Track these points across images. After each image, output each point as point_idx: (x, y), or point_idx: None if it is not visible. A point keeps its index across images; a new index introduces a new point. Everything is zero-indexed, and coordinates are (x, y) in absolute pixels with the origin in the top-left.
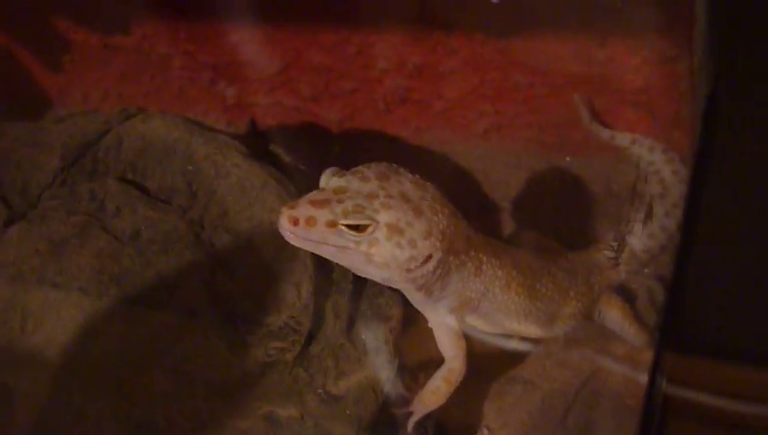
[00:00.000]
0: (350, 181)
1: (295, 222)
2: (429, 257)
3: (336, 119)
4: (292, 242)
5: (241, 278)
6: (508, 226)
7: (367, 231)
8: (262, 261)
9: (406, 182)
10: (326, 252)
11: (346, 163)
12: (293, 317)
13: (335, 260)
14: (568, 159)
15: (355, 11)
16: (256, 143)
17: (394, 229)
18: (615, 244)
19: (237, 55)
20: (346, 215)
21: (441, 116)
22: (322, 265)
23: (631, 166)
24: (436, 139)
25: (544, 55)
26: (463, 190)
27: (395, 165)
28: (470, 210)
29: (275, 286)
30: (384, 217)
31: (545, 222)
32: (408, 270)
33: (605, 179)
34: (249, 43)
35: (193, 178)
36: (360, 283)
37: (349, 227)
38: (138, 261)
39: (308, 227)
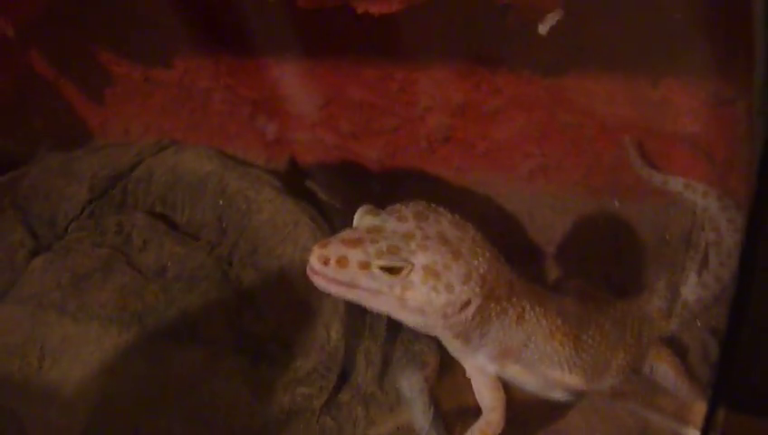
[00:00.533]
0: (385, 220)
1: (326, 261)
2: (468, 303)
3: (376, 157)
4: (320, 286)
5: (268, 319)
6: (553, 272)
7: (402, 274)
8: (291, 301)
9: (445, 222)
10: (357, 296)
11: (385, 203)
12: (322, 362)
13: (367, 305)
14: (617, 203)
15: (398, 46)
16: (295, 180)
17: (431, 272)
18: (666, 293)
19: (278, 90)
20: (380, 256)
21: (485, 156)
22: (355, 308)
23: (684, 212)
24: (479, 180)
25: (594, 95)
26: (506, 234)
27: (434, 204)
28: (514, 255)
29: (304, 328)
30: (420, 259)
31: (592, 269)
32: (445, 316)
33: (656, 226)
34: (290, 77)
35: (223, 212)
36: (395, 327)
37: (383, 268)
38: (162, 298)
39: (339, 268)
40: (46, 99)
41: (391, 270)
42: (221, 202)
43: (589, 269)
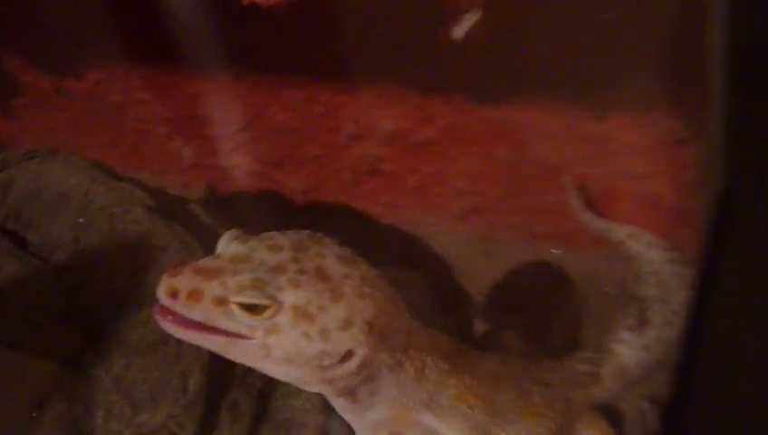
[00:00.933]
0: (254, 249)
1: (175, 295)
2: (350, 354)
3: (300, 188)
4: (165, 327)
5: (114, 361)
6: (481, 323)
7: (265, 314)
8: (145, 341)
9: (330, 256)
10: (212, 342)
11: None
12: (174, 417)
13: (224, 354)
14: (555, 251)
15: (323, 65)
16: (210, 208)
17: (301, 314)
18: (602, 354)
19: (194, 109)
20: (240, 290)
21: (415, 192)
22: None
23: (628, 265)
24: (408, 218)
25: (533, 129)
26: (433, 279)
27: (320, 234)
28: (439, 303)
29: (155, 375)
30: (290, 296)
31: (524, 322)
32: (321, 368)
33: (596, 278)
34: (207, 95)
35: (82, 232)
36: (272, 378)
37: (242, 306)
38: None
39: (191, 303)
40: None
41: (254, 309)
42: (81, 220)
43: (520, 322)
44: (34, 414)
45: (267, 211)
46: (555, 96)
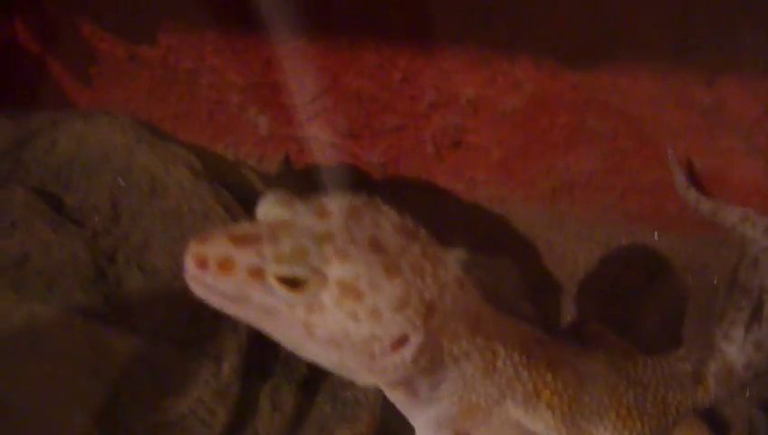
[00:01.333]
0: (298, 213)
1: (203, 263)
2: (404, 340)
3: (378, 162)
4: (196, 293)
5: (141, 338)
6: (570, 314)
7: (307, 289)
8: (177, 317)
9: (386, 226)
10: (247, 315)
11: None
12: (204, 402)
13: (261, 329)
14: (656, 235)
15: (400, 26)
16: (268, 176)
17: (349, 291)
18: (707, 353)
19: (268, 76)
20: (279, 261)
21: (501, 167)
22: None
23: (739, 251)
24: (493, 195)
25: (631, 96)
26: (520, 262)
27: (378, 201)
28: (524, 289)
29: (186, 356)
30: (336, 270)
31: (618, 314)
32: (371, 356)
33: (701, 267)
34: (280, 60)
35: (121, 195)
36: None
37: (281, 280)
38: (9, 297)
39: (222, 274)
40: (32, 74)
41: (294, 283)
42: (122, 181)
43: (613, 313)
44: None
45: (343, 187)
46: (657, 58)
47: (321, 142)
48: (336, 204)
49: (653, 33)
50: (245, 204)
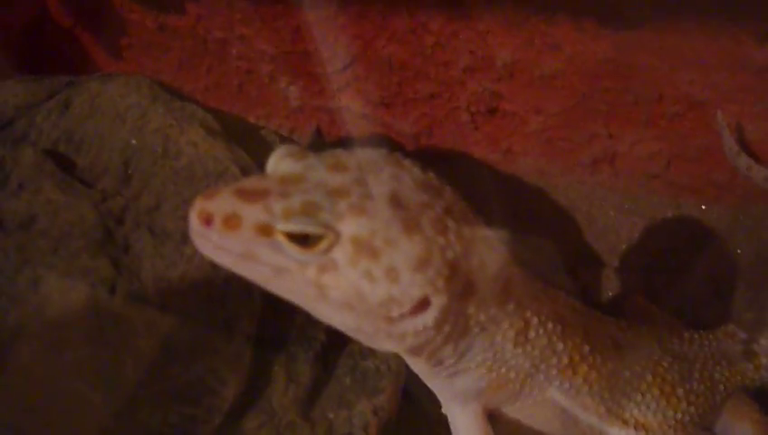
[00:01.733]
0: (311, 167)
1: (208, 220)
2: (425, 303)
3: (412, 132)
4: (203, 251)
5: (148, 301)
6: (611, 288)
7: (319, 247)
8: (186, 279)
9: (406, 180)
10: (255, 274)
11: None
12: (214, 371)
13: (271, 289)
14: (704, 207)
15: None
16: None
17: (363, 248)
18: (759, 329)
19: (298, 44)
20: (288, 216)
21: (538, 136)
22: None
23: None
24: (531, 167)
25: (678, 56)
26: (559, 236)
27: (399, 154)
28: (563, 262)
29: (195, 322)
30: (350, 226)
31: (662, 288)
32: (389, 320)
33: (754, 239)
34: (310, 28)
35: (133, 155)
36: (340, 332)
37: (291, 236)
38: (13, 258)
39: (227, 231)
40: (64, 47)
41: (305, 240)
42: (134, 142)
43: (657, 287)
44: (52, 354)
45: None
46: (705, 15)
47: (353, 113)
48: (353, 157)
49: None
50: (264, 166)
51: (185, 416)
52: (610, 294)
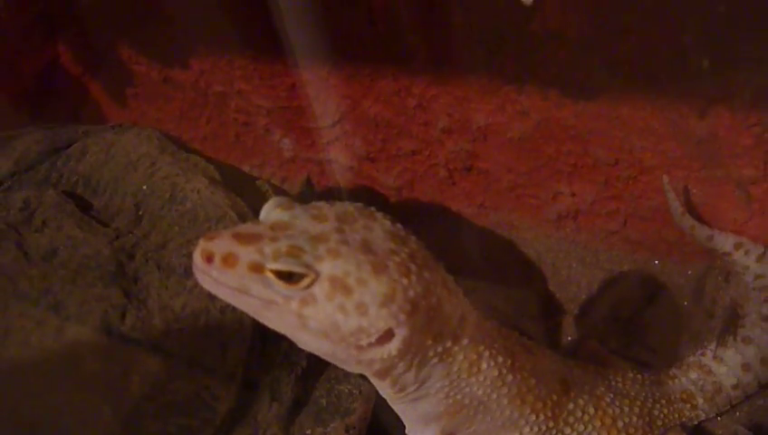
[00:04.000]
0: (297, 217)
1: (209, 258)
2: (389, 334)
3: (394, 185)
4: (204, 285)
5: (153, 325)
6: (570, 334)
7: (301, 283)
8: (187, 308)
9: (378, 230)
10: (248, 306)
11: None
12: (209, 388)
13: (260, 319)
14: (657, 262)
15: (416, 55)
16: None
17: (339, 286)
18: (698, 372)
19: (292, 100)
20: (276, 258)
21: (510, 193)
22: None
23: (734, 278)
24: (503, 221)
25: (631, 125)
26: (525, 285)
27: (372, 208)
28: (529, 309)
29: (195, 343)
30: (328, 266)
31: (616, 336)
32: (359, 348)
33: (698, 292)
34: (304, 86)
35: (145, 199)
36: (319, 359)
37: (278, 274)
38: (36, 286)
39: (225, 268)
40: (73, 94)
41: (290, 277)
42: (145, 187)
43: (613, 334)
44: (68, 368)
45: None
46: (655, 89)
47: (341, 165)
48: (332, 209)
49: (652, 67)
50: (258, 212)
51: (182, 426)
52: (569, 338)
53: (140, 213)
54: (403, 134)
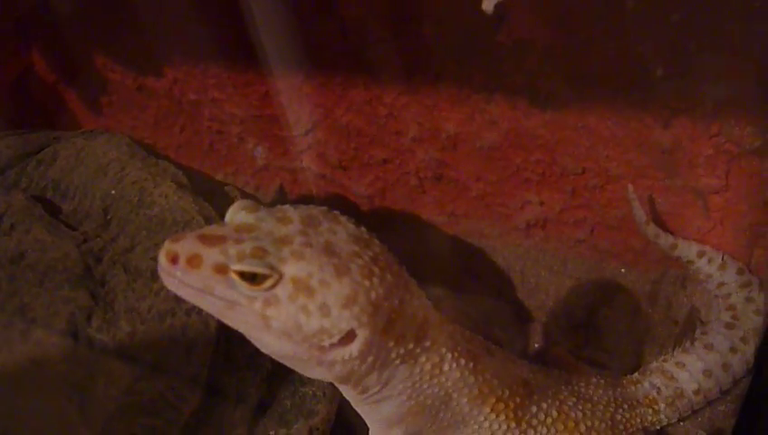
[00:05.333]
0: (262, 219)
1: (174, 259)
2: (351, 336)
3: (366, 193)
4: (169, 286)
5: (120, 328)
6: (538, 340)
7: (264, 284)
8: (153, 311)
9: (341, 233)
10: (212, 307)
11: None
12: (174, 389)
13: (224, 320)
14: (623, 270)
15: (388, 66)
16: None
17: (302, 287)
18: (660, 378)
19: (265, 109)
20: (241, 259)
21: (479, 202)
22: (235, 330)
23: (697, 286)
24: (473, 229)
25: (597, 135)
26: (495, 293)
27: (336, 212)
28: (497, 317)
29: (160, 345)
30: (291, 268)
31: (584, 341)
32: (321, 349)
33: (662, 299)
34: (277, 95)
35: (113, 204)
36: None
37: (242, 275)
38: (4, 288)
39: (190, 269)
40: (48, 102)
41: (254, 278)
42: (114, 192)
43: (579, 341)
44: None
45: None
46: (620, 100)
47: (314, 173)
48: (296, 212)
49: (617, 78)
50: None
51: (147, 427)
52: (536, 345)
53: (109, 217)
54: (375, 143)
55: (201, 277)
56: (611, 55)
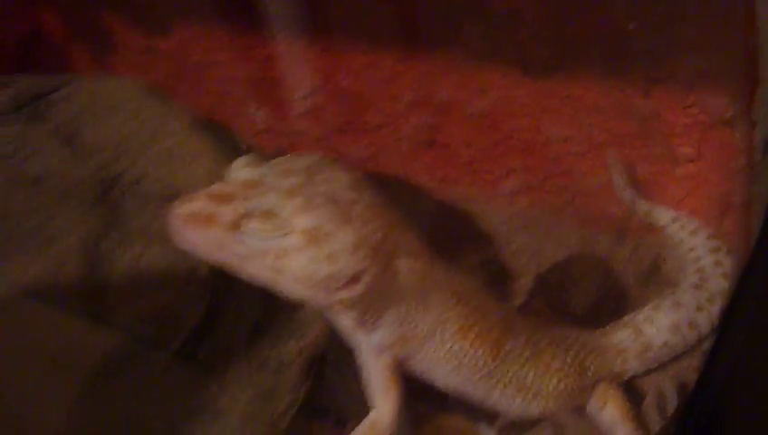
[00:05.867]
0: (265, 174)
1: (188, 220)
2: (356, 278)
3: (360, 157)
4: (182, 246)
5: (132, 246)
6: (519, 299)
7: (275, 237)
8: (163, 231)
9: (341, 180)
10: (227, 260)
11: None
12: (183, 297)
13: (238, 273)
14: (602, 236)
15: (387, 31)
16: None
17: (311, 238)
18: (630, 331)
19: (268, 72)
20: (251, 215)
21: (468, 168)
22: None
23: (670, 251)
24: (461, 194)
25: (582, 103)
26: (480, 255)
27: (330, 159)
28: (483, 276)
29: (170, 260)
30: (300, 221)
31: (562, 302)
32: (328, 291)
33: (635, 262)
34: (280, 58)
35: (126, 138)
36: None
37: (253, 231)
38: (22, 208)
39: (204, 228)
40: (56, 62)
41: (264, 233)
42: (125, 130)
43: (558, 302)
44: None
45: None
46: (603, 69)
47: (311, 137)
48: (296, 163)
49: (603, 47)
50: (229, 156)
51: (151, 337)
52: (518, 302)
53: (121, 150)
54: (371, 107)
55: (215, 236)
56: (594, 27)
